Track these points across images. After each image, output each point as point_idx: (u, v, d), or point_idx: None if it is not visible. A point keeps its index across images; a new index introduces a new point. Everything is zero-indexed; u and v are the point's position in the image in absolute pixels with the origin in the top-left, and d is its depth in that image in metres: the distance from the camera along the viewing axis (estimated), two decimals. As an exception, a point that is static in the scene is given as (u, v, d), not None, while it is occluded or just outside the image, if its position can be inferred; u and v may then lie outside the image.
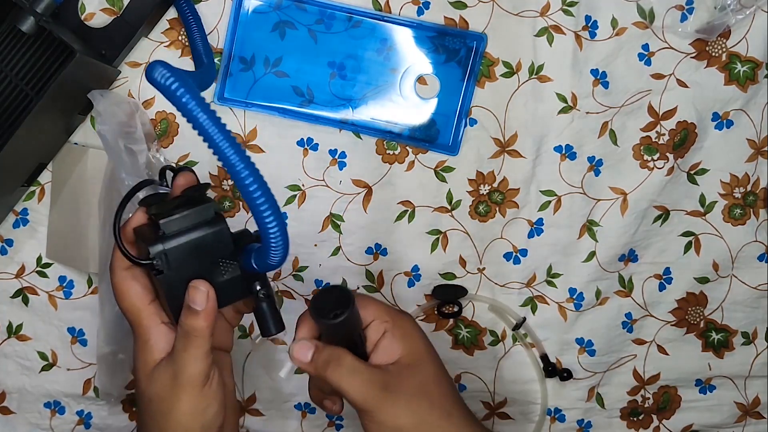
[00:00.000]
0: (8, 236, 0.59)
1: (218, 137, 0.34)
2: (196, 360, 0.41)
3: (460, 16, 0.58)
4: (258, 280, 0.43)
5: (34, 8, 0.51)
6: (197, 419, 0.42)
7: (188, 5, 0.55)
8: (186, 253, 0.41)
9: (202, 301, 0.41)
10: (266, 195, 0.35)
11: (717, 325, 0.64)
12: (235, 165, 0.34)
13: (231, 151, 0.34)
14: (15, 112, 0.51)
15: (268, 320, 0.43)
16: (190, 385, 0.41)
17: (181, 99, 0.33)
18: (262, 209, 0.35)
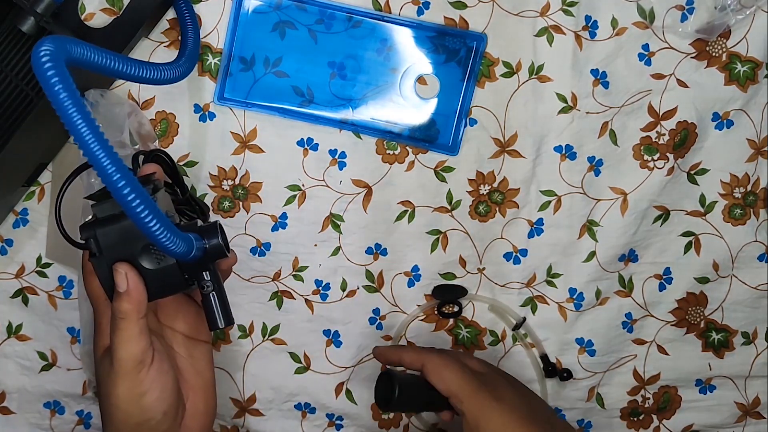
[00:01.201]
0: (8, 236, 0.59)
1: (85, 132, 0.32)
2: (125, 343, 0.41)
3: (460, 16, 0.58)
4: (207, 270, 0.42)
5: (35, 8, 0.51)
6: (134, 404, 0.42)
7: (187, 6, 0.55)
8: (116, 238, 0.41)
9: (122, 282, 0.40)
10: (140, 197, 0.34)
11: (717, 325, 0.64)
12: (101, 163, 0.32)
13: (89, 135, 0.32)
14: (15, 113, 0.51)
15: (215, 312, 0.43)
16: (122, 370, 0.41)
17: (53, 86, 0.32)
18: (138, 212, 0.34)
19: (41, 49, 0.31)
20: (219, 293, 0.43)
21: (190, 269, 0.42)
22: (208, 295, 0.43)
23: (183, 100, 0.58)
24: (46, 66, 0.31)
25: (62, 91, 0.31)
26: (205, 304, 0.43)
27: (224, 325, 0.43)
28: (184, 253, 0.37)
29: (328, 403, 0.63)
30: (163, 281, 0.42)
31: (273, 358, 0.62)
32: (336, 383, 0.63)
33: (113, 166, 0.32)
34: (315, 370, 0.62)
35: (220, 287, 0.43)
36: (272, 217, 0.60)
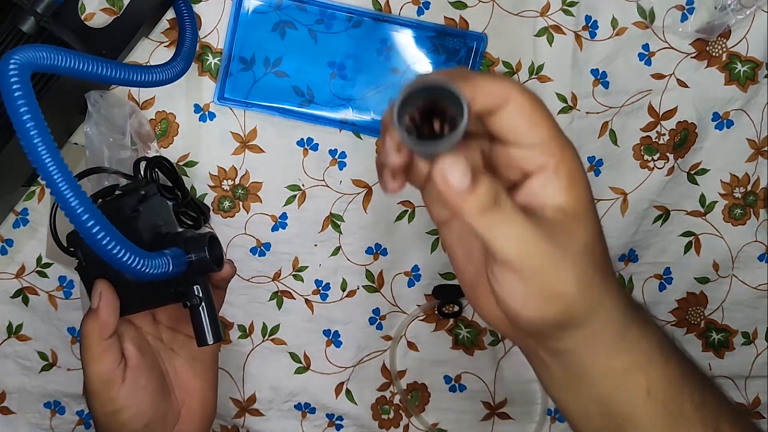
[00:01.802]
0: (8, 236, 0.59)
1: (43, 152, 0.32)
2: (91, 361, 0.41)
3: (460, 16, 0.58)
4: (197, 284, 0.41)
5: (35, 8, 0.51)
6: (110, 419, 0.42)
7: (186, 6, 0.55)
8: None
9: (95, 300, 0.40)
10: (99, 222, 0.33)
11: (717, 325, 0.64)
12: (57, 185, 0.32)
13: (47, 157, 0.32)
14: (15, 112, 0.51)
15: (203, 327, 0.42)
16: (91, 387, 0.41)
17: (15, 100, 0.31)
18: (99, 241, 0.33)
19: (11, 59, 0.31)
20: (208, 307, 0.42)
21: (177, 283, 0.41)
22: (196, 308, 0.41)
23: (183, 100, 0.58)
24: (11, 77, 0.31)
25: (23, 106, 0.31)
26: (194, 318, 0.42)
27: (213, 341, 0.42)
28: (163, 274, 0.36)
29: (328, 403, 0.63)
30: (148, 294, 0.41)
31: (273, 358, 0.62)
32: (336, 383, 0.63)
33: (70, 191, 0.32)
34: (315, 370, 0.62)
35: (209, 301, 0.42)
36: (272, 217, 0.60)
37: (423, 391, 0.64)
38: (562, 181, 0.33)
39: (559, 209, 0.33)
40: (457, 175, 0.29)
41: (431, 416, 0.64)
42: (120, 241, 0.33)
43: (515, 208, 0.31)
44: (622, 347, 0.36)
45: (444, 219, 0.39)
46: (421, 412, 0.64)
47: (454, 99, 0.28)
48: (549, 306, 0.33)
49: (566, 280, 0.32)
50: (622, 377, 0.36)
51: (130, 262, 0.34)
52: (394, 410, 0.64)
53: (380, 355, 0.63)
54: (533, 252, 0.31)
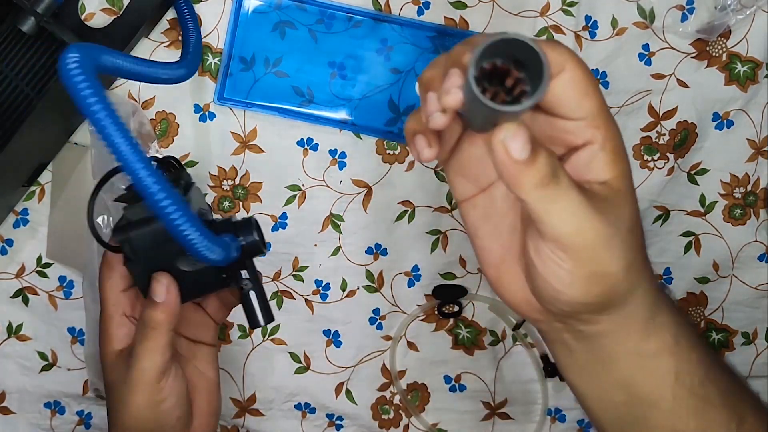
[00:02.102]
0: (8, 236, 0.59)
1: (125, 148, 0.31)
2: (152, 353, 0.41)
3: (460, 17, 0.58)
4: (244, 268, 0.42)
5: (35, 8, 0.51)
6: (151, 411, 0.42)
7: (187, 5, 0.55)
8: (151, 240, 0.40)
9: (162, 293, 0.40)
10: (177, 207, 0.32)
11: (717, 325, 0.64)
12: (128, 158, 0.31)
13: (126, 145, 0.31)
14: (16, 113, 0.51)
15: (254, 311, 0.42)
16: (144, 379, 0.41)
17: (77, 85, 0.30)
18: (172, 221, 0.32)
19: (69, 56, 0.30)
20: (258, 290, 0.42)
21: (227, 268, 0.41)
22: (247, 293, 0.42)
23: (183, 100, 0.58)
24: (74, 73, 0.30)
25: (91, 96, 0.30)
26: (245, 303, 0.42)
27: (265, 323, 0.42)
28: (223, 260, 0.36)
29: (328, 403, 0.63)
30: (200, 282, 0.41)
31: (273, 358, 0.62)
32: (336, 383, 0.63)
33: (149, 175, 0.31)
34: (315, 370, 0.62)
35: (258, 284, 0.42)
36: (272, 217, 0.60)
37: (423, 391, 0.64)
38: (608, 156, 0.32)
39: (606, 185, 0.32)
40: (518, 146, 0.28)
41: (431, 416, 0.64)
42: (201, 230, 0.33)
43: (571, 183, 0.30)
44: (653, 330, 0.35)
45: (468, 195, 0.37)
46: (421, 412, 0.64)
47: (532, 58, 0.26)
48: (594, 286, 0.32)
49: (614, 259, 0.31)
50: (651, 360, 0.35)
51: (204, 250, 0.34)
52: (394, 410, 0.64)
53: (380, 355, 0.63)
54: (586, 229, 0.30)
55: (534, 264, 0.33)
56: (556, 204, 0.30)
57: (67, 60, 0.30)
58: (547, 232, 0.31)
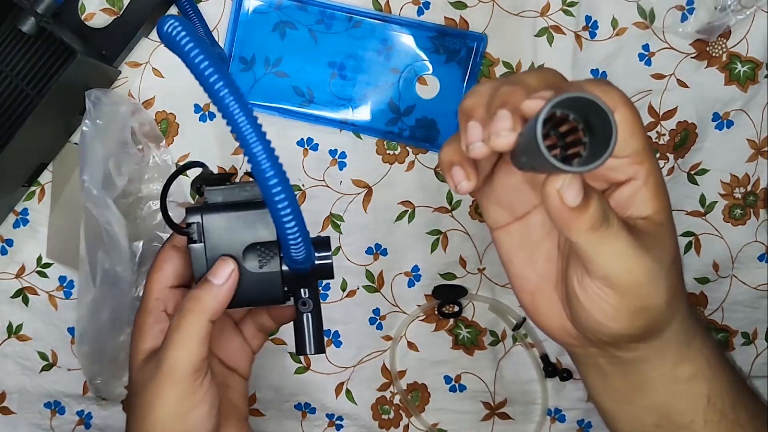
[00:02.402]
0: (8, 236, 0.59)
1: (237, 112, 0.30)
2: (189, 342, 0.36)
3: (460, 17, 0.58)
4: (306, 288, 0.39)
5: (35, 9, 0.51)
6: (180, 418, 0.37)
7: (189, 3, 0.55)
8: (223, 228, 0.37)
9: (223, 276, 0.36)
10: (285, 185, 0.31)
11: (717, 325, 0.64)
12: (251, 144, 0.30)
13: (248, 126, 0.30)
14: (16, 113, 0.51)
15: (306, 336, 0.39)
16: (175, 375, 0.36)
17: (194, 59, 0.29)
18: (277, 201, 0.31)
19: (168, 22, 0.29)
20: (316, 315, 0.39)
21: (291, 282, 0.38)
22: (303, 315, 0.39)
23: (183, 100, 0.58)
24: (189, 45, 0.29)
25: (213, 72, 0.30)
26: (298, 325, 0.39)
27: (314, 352, 0.39)
28: (304, 260, 0.34)
29: (328, 403, 0.63)
30: (260, 288, 0.38)
31: (273, 358, 0.62)
32: (336, 383, 0.63)
33: (265, 152, 0.30)
34: (315, 370, 0.62)
35: (318, 309, 0.39)
36: (272, 217, 0.60)
37: (423, 391, 0.64)
38: (650, 191, 0.32)
39: (649, 219, 0.32)
40: (573, 194, 0.29)
41: (431, 416, 0.64)
42: (297, 216, 0.32)
43: (621, 225, 0.30)
44: (687, 355, 0.36)
45: (503, 223, 0.37)
46: (421, 412, 0.64)
47: (599, 117, 0.26)
48: (638, 320, 0.33)
49: (659, 294, 0.32)
50: (684, 385, 0.36)
51: (297, 243, 0.32)
52: (394, 410, 0.64)
53: (380, 355, 0.63)
54: (634, 268, 0.31)
55: (578, 297, 0.33)
56: (606, 246, 0.30)
57: (168, 28, 0.29)
58: (597, 271, 0.31)
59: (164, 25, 0.29)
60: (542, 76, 0.31)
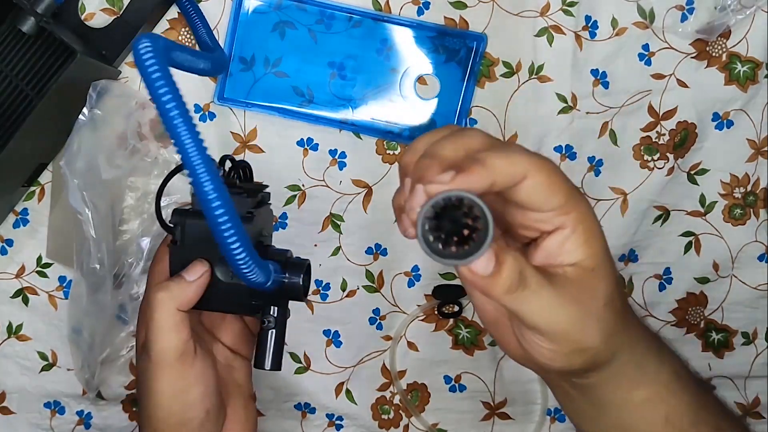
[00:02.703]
0: (8, 236, 0.59)
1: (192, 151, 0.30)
2: (164, 332, 0.38)
3: (460, 16, 0.58)
4: (277, 306, 0.41)
5: (35, 9, 0.51)
6: (177, 400, 0.39)
7: (190, 3, 0.55)
8: (203, 235, 0.39)
9: (196, 273, 0.39)
10: (233, 222, 0.32)
11: (717, 325, 0.64)
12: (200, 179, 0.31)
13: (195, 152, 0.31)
14: (15, 113, 0.51)
15: (266, 352, 0.41)
16: (163, 361, 0.39)
17: (154, 82, 0.30)
18: (223, 230, 0.32)
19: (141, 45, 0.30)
20: (279, 333, 0.41)
21: (260, 297, 0.40)
22: (267, 330, 0.41)
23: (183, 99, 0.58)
24: (149, 65, 0.30)
25: (167, 93, 0.30)
26: (260, 338, 0.41)
27: (271, 368, 0.41)
28: (259, 284, 0.35)
29: (328, 403, 0.63)
30: (230, 297, 0.40)
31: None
32: (336, 383, 0.63)
33: (207, 176, 0.31)
34: (315, 370, 0.62)
35: (282, 328, 0.41)
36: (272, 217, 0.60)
37: (423, 391, 0.64)
38: (579, 238, 0.33)
39: (579, 266, 0.33)
40: (482, 264, 0.30)
41: (431, 416, 0.64)
42: (241, 235, 0.32)
43: (540, 282, 0.32)
44: (642, 380, 0.37)
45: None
46: (421, 412, 0.64)
47: (479, 212, 0.28)
48: (575, 359, 0.34)
49: (591, 336, 0.34)
50: (641, 407, 0.38)
51: (240, 258, 0.33)
52: (394, 410, 0.64)
53: (380, 355, 0.63)
54: (559, 318, 0.32)
55: (519, 338, 0.35)
56: (528, 304, 0.32)
57: (140, 47, 0.29)
58: (525, 323, 0.33)
59: (138, 44, 0.30)
60: (461, 145, 0.32)
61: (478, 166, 0.30)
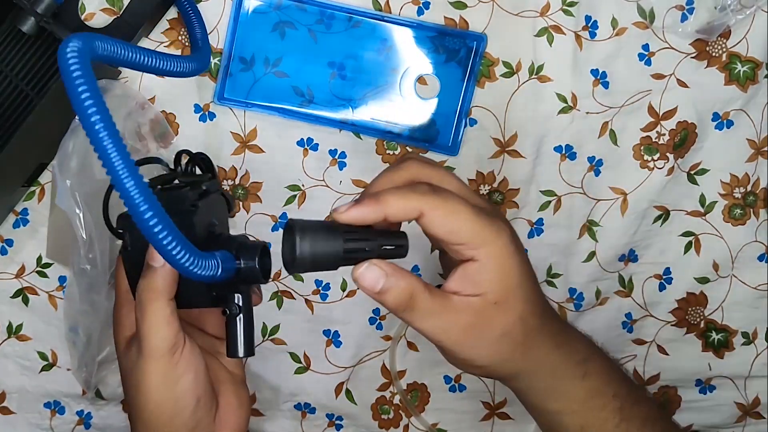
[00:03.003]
0: (8, 236, 0.59)
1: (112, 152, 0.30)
2: (157, 327, 0.38)
3: (460, 16, 0.58)
4: (240, 293, 0.40)
5: (35, 9, 0.51)
6: (168, 391, 0.40)
7: (190, 3, 0.55)
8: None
9: (159, 258, 0.38)
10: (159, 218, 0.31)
11: (717, 325, 0.64)
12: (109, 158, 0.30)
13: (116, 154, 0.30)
14: (15, 113, 0.51)
15: (237, 339, 0.40)
16: (154, 356, 0.39)
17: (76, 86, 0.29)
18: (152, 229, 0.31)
19: (68, 46, 0.30)
20: (246, 319, 0.40)
21: (218, 287, 0.40)
22: (234, 318, 0.40)
23: (183, 100, 0.58)
24: (71, 64, 0.29)
25: (85, 92, 0.30)
26: (229, 328, 0.40)
27: (244, 355, 0.40)
28: (209, 277, 0.34)
29: (328, 403, 0.63)
30: (190, 292, 0.39)
31: (273, 358, 0.62)
32: (336, 383, 0.63)
33: (126, 172, 0.30)
34: (315, 370, 0.62)
35: (249, 313, 0.40)
36: (272, 217, 0.60)
37: (423, 391, 0.64)
38: (488, 273, 0.38)
39: (483, 297, 0.38)
40: (368, 282, 0.37)
41: (431, 416, 0.64)
42: (174, 235, 0.32)
43: (428, 307, 0.37)
44: (552, 395, 0.43)
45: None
46: (421, 412, 0.64)
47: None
48: (473, 370, 0.41)
49: (481, 357, 0.39)
50: (557, 416, 0.43)
51: (180, 258, 0.32)
52: (394, 410, 0.64)
53: (380, 355, 0.63)
54: (446, 338, 0.38)
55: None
56: (417, 322, 0.38)
57: (66, 49, 0.30)
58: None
59: (64, 46, 0.30)
60: (388, 179, 0.40)
61: (372, 201, 0.36)
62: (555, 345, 0.42)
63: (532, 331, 0.40)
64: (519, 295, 0.39)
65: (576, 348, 0.43)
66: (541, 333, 0.41)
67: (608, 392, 0.43)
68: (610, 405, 0.43)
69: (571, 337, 0.44)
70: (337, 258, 0.38)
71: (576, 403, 0.42)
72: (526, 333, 0.40)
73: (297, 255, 0.36)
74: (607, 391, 0.43)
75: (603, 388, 0.43)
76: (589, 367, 0.43)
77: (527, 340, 0.40)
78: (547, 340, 0.41)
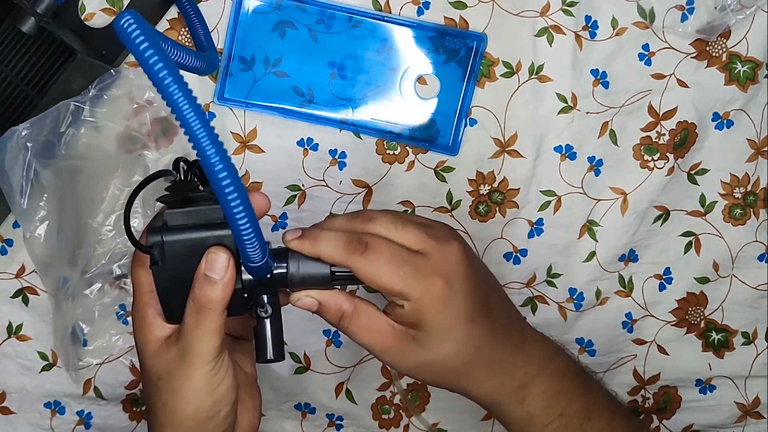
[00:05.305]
0: (8, 236, 0.59)
1: (190, 115, 0.30)
2: (209, 336, 0.39)
3: (460, 16, 0.58)
4: (267, 294, 0.40)
5: (35, 9, 0.51)
6: (209, 396, 0.40)
7: (190, 3, 0.55)
8: (184, 250, 0.38)
9: (221, 269, 0.37)
10: (238, 189, 0.32)
11: (717, 325, 0.64)
12: (204, 145, 0.31)
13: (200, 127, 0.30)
14: (16, 113, 0.51)
15: (267, 343, 0.40)
16: (201, 363, 0.39)
17: (148, 60, 0.29)
18: (230, 199, 0.32)
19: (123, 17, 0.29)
20: (276, 322, 0.40)
21: (251, 291, 0.40)
22: (263, 320, 0.40)
23: (183, 100, 0.58)
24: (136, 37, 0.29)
25: (163, 69, 0.29)
26: (258, 331, 0.40)
27: (274, 359, 0.40)
28: (261, 262, 0.35)
29: (328, 403, 0.63)
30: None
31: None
32: (336, 383, 0.63)
33: (217, 153, 0.31)
34: (315, 370, 0.62)
35: (278, 316, 0.40)
36: (272, 217, 0.60)
37: (423, 391, 0.64)
38: (414, 320, 0.41)
39: (408, 334, 0.42)
40: (306, 304, 0.42)
41: (431, 416, 0.64)
42: (255, 222, 0.34)
43: (354, 329, 0.42)
44: (497, 415, 0.46)
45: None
46: (421, 412, 0.64)
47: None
48: (417, 376, 0.44)
49: (408, 372, 0.43)
50: (509, 428, 0.47)
51: (252, 244, 0.34)
52: (394, 410, 0.64)
53: (380, 355, 0.63)
54: (391, 349, 0.42)
55: None
56: (358, 335, 0.42)
57: (123, 21, 0.29)
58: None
59: (120, 20, 0.29)
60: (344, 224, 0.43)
61: (309, 239, 0.40)
62: (491, 374, 0.44)
63: (462, 366, 0.43)
64: (446, 336, 0.42)
65: (515, 375, 0.44)
66: (474, 363, 0.43)
67: (551, 413, 0.45)
68: (555, 423, 0.45)
69: (516, 361, 0.44)
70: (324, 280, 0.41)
71: (518, 423, 0.46)
72: (470, 335, 0.42)
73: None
74: (550, 412, 0.45)
75: (546, 410, 0.45)
76: (531, 390, 0.45)
77: (471, 342, 0.42)
78: (482, 370, 0.44)
